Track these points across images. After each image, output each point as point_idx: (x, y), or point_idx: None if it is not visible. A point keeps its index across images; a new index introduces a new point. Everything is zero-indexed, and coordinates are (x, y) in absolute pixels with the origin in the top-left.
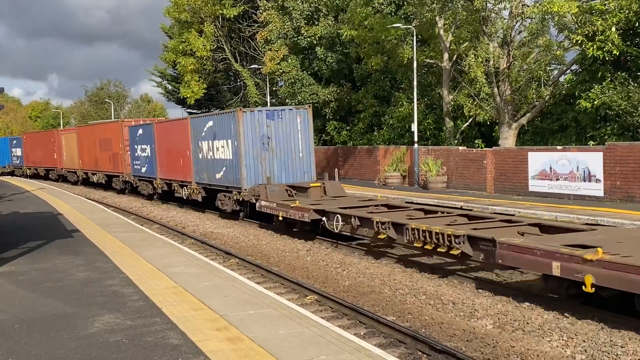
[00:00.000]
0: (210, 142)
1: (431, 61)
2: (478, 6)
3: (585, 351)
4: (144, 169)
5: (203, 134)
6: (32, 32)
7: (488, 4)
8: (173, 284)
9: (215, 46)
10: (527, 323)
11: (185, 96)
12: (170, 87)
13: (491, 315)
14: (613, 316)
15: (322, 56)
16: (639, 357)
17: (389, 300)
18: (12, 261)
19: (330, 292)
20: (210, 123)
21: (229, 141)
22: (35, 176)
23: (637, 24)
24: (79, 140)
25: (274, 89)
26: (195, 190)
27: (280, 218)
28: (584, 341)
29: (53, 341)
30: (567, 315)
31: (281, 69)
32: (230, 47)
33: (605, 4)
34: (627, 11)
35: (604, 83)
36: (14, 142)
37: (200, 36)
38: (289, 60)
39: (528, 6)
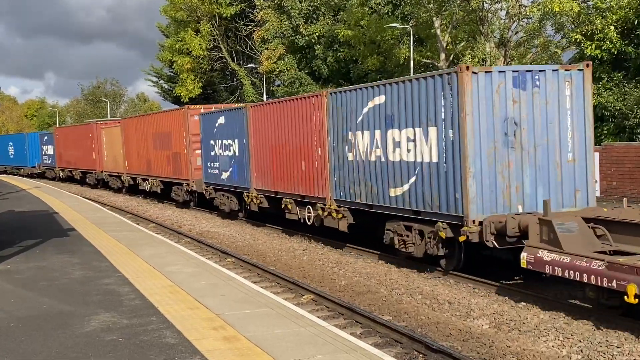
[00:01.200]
0: (378, 132)
1: (428, 61)
2: (475, 6)
3: (581, 351)
4: (225, 175)
5: (360, 118)
6: (29, 31)
7: (485, 4)
8: (169, 283)
9: (211, 45)
10: (523, 323)
11: (180, 94)
12: (166, 86)
13: (487, 315)
14: (609, 317)
15: (321, 55)
16: (634, 358)
17: (385, 300)
18: (8, 260)
19: (327, 291)
20: (380, 99)
21: (430, 129)
22: (69, 180)
23: (636, 22)
24: (125, 136)
25: (271, 88)
26: (337, 214)
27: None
28: (580, 341)
29: (49, 340)
30: (563, 316)
31: (278, 69)
32: (226, 46)
33: (605, 2)
34: (627, 9)
35: (600, 84)
36: (45, 138)
37: (197, 35)
38: (286, 59)
39: (526, 6)
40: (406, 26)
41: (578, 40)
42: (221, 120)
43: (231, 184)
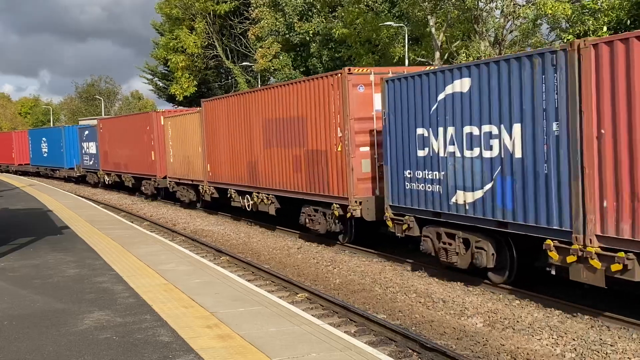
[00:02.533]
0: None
1: (423, 59)
2: (470, 5)
3: (575, 349)
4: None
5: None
6: (25, 28)
7: (480, 3)
8: (163, 281)
9: (206, 43)
10: (517, 321)
11: (174, 93)
12: (160, 84)
13: (481, 313)
14: (603, 315)
15: (316, 53)
16: (628, 356)
17: (380, 299)
18: (1, 258)
19: (321, 289)
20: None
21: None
22: (119, 187)
23: (628, 22)
24: (208, 127)
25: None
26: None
27: None
28: (574, 339)
29: (43, 338)
30: (557, 314)
31: (273, 67)
32: (221, 44)
33: (597, 3)
34: (619, 10)
35: None
36: (86, 133)
37: (192, 33)
38: (281, 57)
39: (520, 6)
40: (401, 25)
41: (571, 41)
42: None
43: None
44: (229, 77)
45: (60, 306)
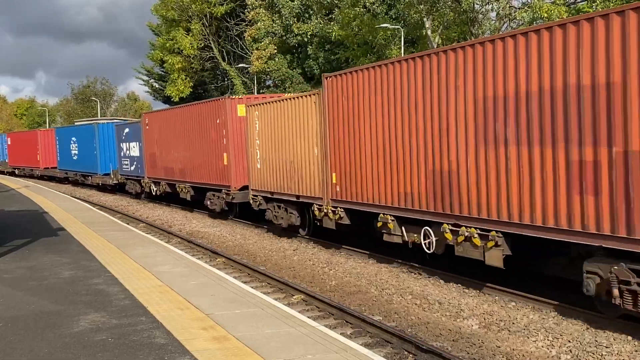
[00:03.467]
0: None
1: None
2: (466, 7)
3: (571, 351)
4: None
5: None
6: (21, 30)
7: (475, 5)
8: (159, 283)
9: (202, 45)
10: (513, 323)
11: (170, 94)
12: (157, 86)
13: (477, 315)
14: (598, 317)
15: (313, 54)
16: (623, 358)
17: (376, 300)
18: None
19: (317, 291)
20: None
21: None
22: (170, 198)
23: None
24: (334, 117)
25: (261, 90)
26: None
27: None
28: (569, 341)
29: (38, 340)
30: (553, 316)
31: (269, 68)
32: (217, 46)
33: (592, 6)
34: None
35: None
36: (126, 131)
37: (188, 34)
38: (277, 59)
39: (517, 9)
40: (397, 27)
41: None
42: None
43: None
44: (225, 79)
45: (56, 308)
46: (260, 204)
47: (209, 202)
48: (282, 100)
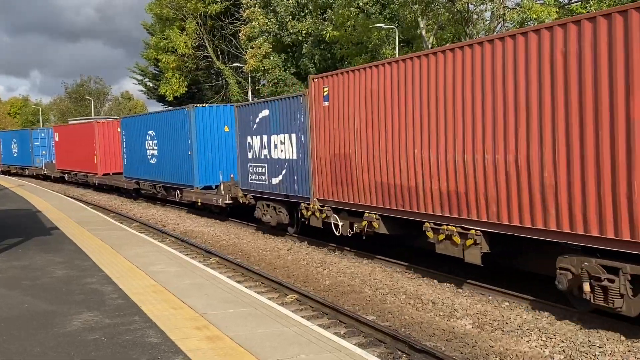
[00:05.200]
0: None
1: None
2: (460, 8)
3: (564, 351)
4: None
5: None
6: (15, 29)
7: (470, 6)
8: (153, 282)
9: (197, 43)
10: (506, 323)
11: (164, 93)
12: (151, 85)
13: (470, 315)
14: (591, 317)
15: (308, 53)
16: (616, 358)
17: (369, 300)
18: None
19: (311, 291)
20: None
21: None
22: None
23: None
24: None
25: (256, 87)
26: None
27: None
28: (563, 341)
29: (31, 339)
30: (546, 316)
31: (263, 67)
32: (212, 45)
33: (586, 7)
34: None
35: None
36: (262, 115)
37: (182, 33)
38: (271, 58)
39: (510, 9)
40: (392, 26)
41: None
42: None
43: None
44: (220, 78)
45: (49, 307)
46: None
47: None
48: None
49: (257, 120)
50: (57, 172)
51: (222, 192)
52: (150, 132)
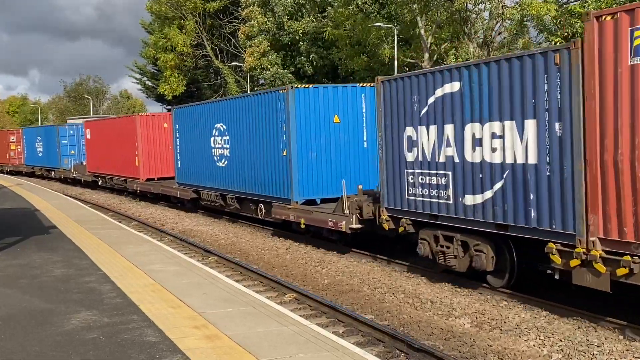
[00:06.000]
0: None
1: (412, 61)
2: (458, 7)
3: (562, 350)
4: None
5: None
6: (14, 28)
7: (468, 5)
8: (151, 281)
9: (195, 42)
10: (505, 322)
11: (163, 92)
12: (149, 84)
13: (469, 314)
14: (590, 316)
15: (305, 52)
16: (614, 357)
17: (368, 299)
18: None
19: (309, 290)
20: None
21: None
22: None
23: None
24: None
25: (255, 88)
26: None
27: None
28: (561, 340)
29: (29, 338)
30: (545, 315)
31: (261, 65)
32: (211, 44)
33: (584, 6)
34: None
35: None
36: (444, 93)
37: (181, 32)
38: (270, 56)
39: (508, 7)
40: (390, 26)
41: (558, 43)
42: None
43: None
44: (219, 77)
45: (47, 306)
46: None
47: None
48: None
49: (432, 100)
50: (89, 176)
51: (347, 212)
52: (218, 125)
